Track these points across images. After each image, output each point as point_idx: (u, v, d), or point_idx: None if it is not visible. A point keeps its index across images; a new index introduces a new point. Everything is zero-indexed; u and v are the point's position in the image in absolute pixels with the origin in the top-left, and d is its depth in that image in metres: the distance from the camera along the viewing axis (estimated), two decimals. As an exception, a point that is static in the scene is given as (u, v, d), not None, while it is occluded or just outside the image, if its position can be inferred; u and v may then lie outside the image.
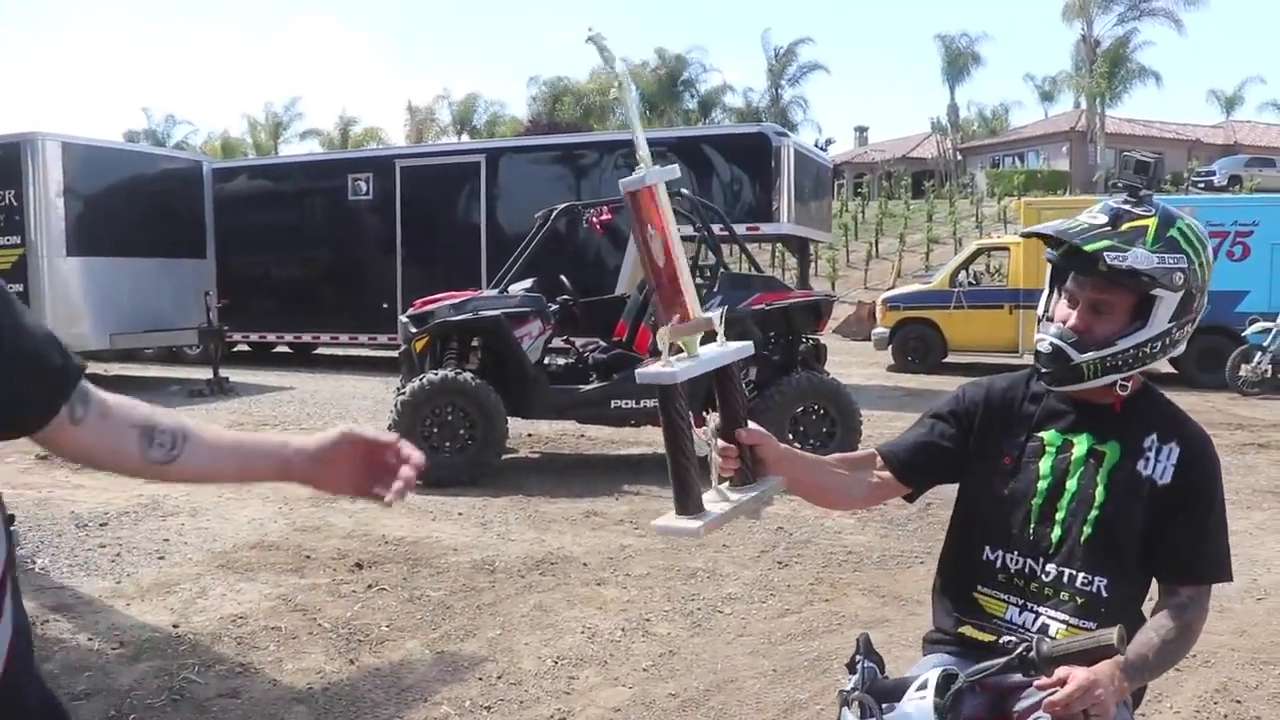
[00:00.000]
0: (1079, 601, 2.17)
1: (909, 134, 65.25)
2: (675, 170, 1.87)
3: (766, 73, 60.06)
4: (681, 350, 1.88)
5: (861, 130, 69.83)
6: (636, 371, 1.92)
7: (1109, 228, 2.14)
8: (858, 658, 2.00)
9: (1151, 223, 2.14)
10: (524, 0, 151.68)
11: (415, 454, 1.68)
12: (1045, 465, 2.25)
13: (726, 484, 1.99)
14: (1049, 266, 2.29)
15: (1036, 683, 1.89)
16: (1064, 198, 31.76)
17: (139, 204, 15.66)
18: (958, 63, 56.26)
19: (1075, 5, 49.04)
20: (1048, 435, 2.28)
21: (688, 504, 1.86)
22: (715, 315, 1.90)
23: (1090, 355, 2.15)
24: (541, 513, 7.70)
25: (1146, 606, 2.27)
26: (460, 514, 7.71)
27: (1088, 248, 2.10)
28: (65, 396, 1.50)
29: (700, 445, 1.90)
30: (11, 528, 1.31)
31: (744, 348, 1.97)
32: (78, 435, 1.53)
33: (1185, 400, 12.28)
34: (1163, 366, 16.17)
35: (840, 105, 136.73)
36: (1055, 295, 2.28)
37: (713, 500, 1.93)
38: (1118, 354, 2.15)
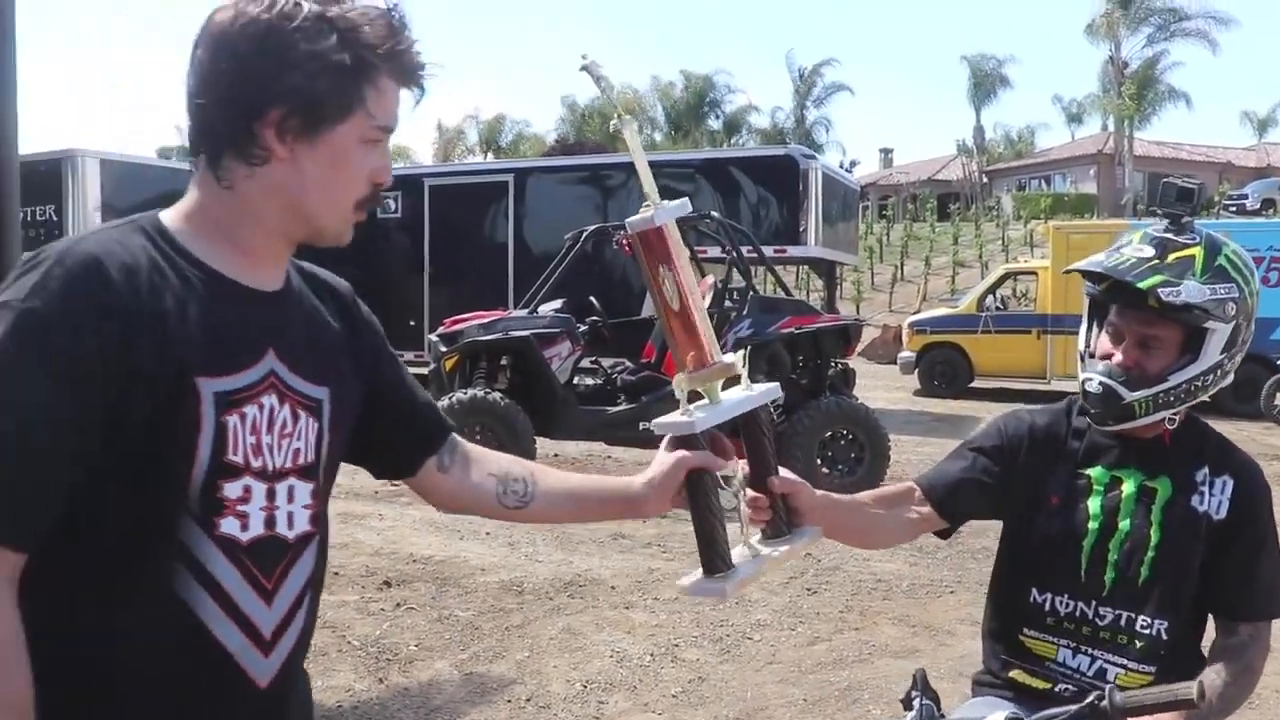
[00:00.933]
0: (1139, 645, 2.09)
1: (934, 156, 65.12)
2: (685, 205, 1.74)
3: (791, 94, 60.19)
4: (702, 397, 1.76)
5: (886, 152, 69.74)
6: (653, 423, 1.81)
7: (1157, 260, 2.07)
8: (914, 694, 1.95)
9: (1198, 251, 2.08)
10: (554, 20, 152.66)
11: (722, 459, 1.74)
12: (1094, 504, 2.16)
13: (758, 536, 1.86)
14: (1087, 300, 2.22)
15: None
16: (1093, 221, 31.66)
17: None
18: (984, 85, 56.14)
19: (1102, 25, 48.86)
20: (1094, 472, 2.19)
21: (715, 563, 1.72)
22: (737, 358, 1.74)
23: (1142, 393, 2.07)
24: (569, 534, 7.70)
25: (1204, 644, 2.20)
26: (488, 533, 7.72)
27: (1142, 285, 2.03)
28: (436, 449, 1.75)
29: (727, 498, 1.80)
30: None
31: (770, 390, 1.82)
32: (444, 482, 1.77)
33: (1220, 430, 12.13)
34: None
35: (865, 126, 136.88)
36: (1095, 330, 2.20)
37: (742, 556, 1.80)
38: (1170, 390, 2.07)
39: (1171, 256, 2.07)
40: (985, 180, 58.52)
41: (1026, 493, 2.24)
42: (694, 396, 1.75)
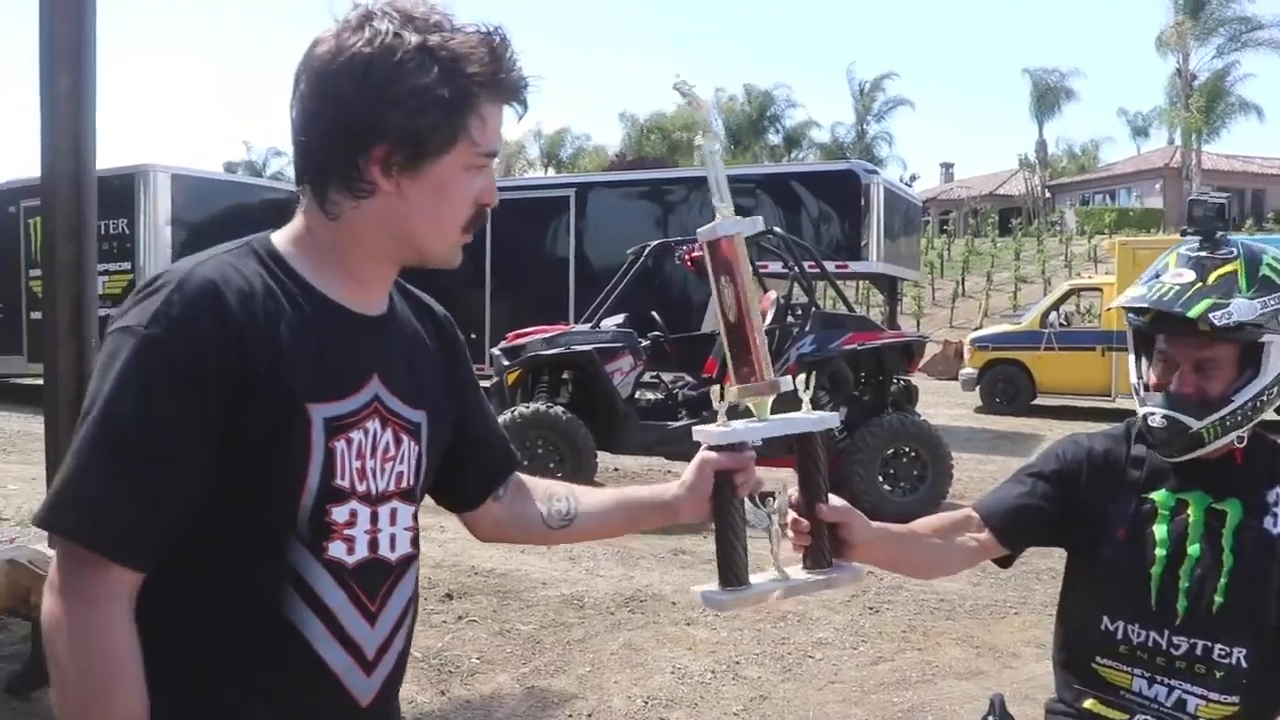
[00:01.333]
0: (1219, 675, 2.03)
1: (996, 170, 64.52)
2: (758, 223, 1.77)
3: (852, 108, 60.01)
4: (750, 412, 1.76)
5: (947, 166, 69.22)
6: (693, 429, 1.81)
7: (1200, 283, 2.02)
8: (990, 718, 1.94)
9: (1238, 265, 2.03)
10: (616, 34, 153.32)
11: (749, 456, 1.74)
12: (1161, 531, 2.10)
13: (798, 563, 1.83)
14: (1131, 332, 2.16)
15: None
16: (1159, 237, 31.11)
17: (241, 232, 15.63)
18: (1047, 98, 55.56)
19: (1172, 36, 48.04)
20: (1159, 497, 2.13)
21: (727, 575, 1.73)
22: (786, 380, 1.75)
23: (1210, 419, 2.02)
24: (630, 549, 7.72)
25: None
26: (548, 547, 7.76)
27: (1191, 313, 1.98)
28: (503, 482, 1.79)
29: (759, 517, 1.78)
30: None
31: (825, 419, 1.80)
32: (495, 511, 1.80)
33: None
34: (1270, 415, 15.77)
35: (925, 140, 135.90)
36: (1145, 361, 2.15)
37: (767, 577, 1.79)
38: (1236, 410, 2.02)
39: (1213, 276, 2.03)
40: (1048, 195, 57.86)
41: (1087, 520, 2.19)
42: (748, 413, 1.75)
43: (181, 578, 1.35)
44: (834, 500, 1.85)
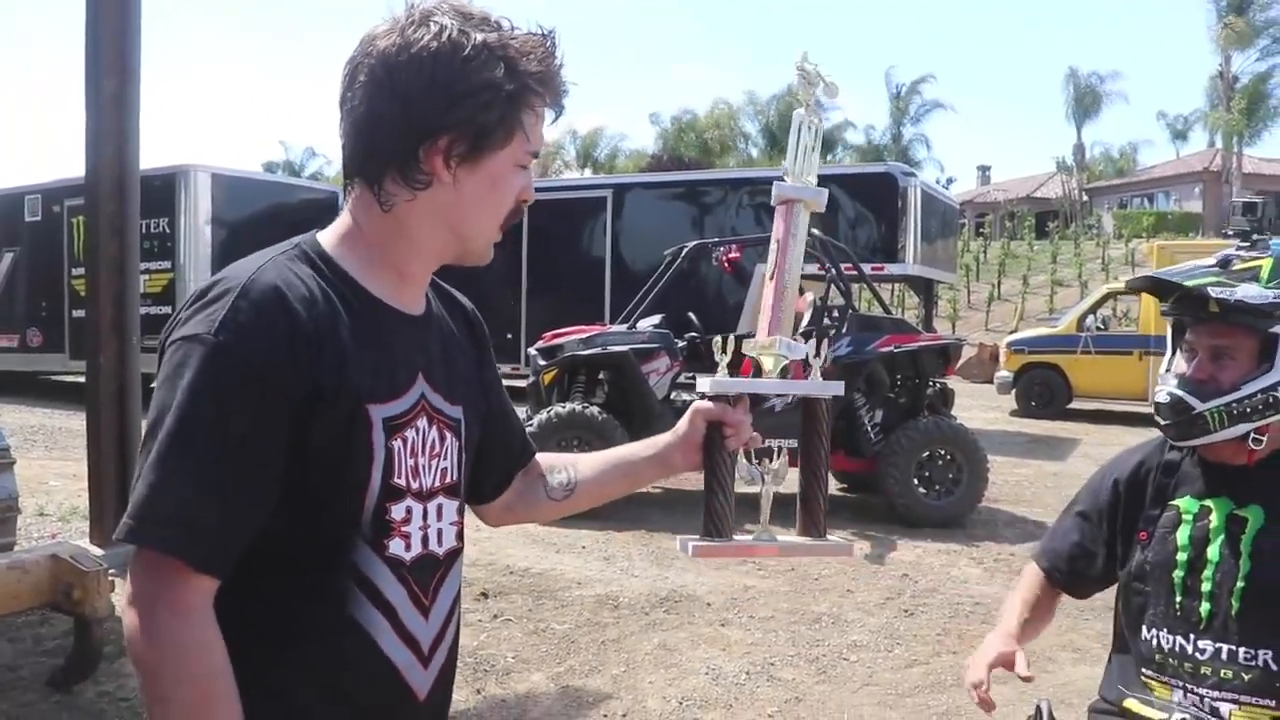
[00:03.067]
0: (1246, 678, 2.05)
1: (1033, 173, 64.09)
2: (823, 195, 1.81)
3: (889, 110, 59.73)
4: (760, 370, 1.80)
5: (984, 169, 68.79)
6: (697, 377, 1.85)
7: (1219, 269, 2.09)
8: None
9: (1267, 262, 2.08)
10: (649, 34, 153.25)
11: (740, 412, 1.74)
12: (1183, 535, 2.14)
13: (792, 531, 1.82)
14: (1169, 324, 2.22)
15: None
16: (1197, 241, 30.81)
17: (279, 232, 15.82)
18: (1085, 101, 55.14)
19: (1220, 37, 47.45)
20: (1183, 503, 2.17)
21: (707, 525, 1.75)
22: (799, 346, 1.79)
23: (1215, 403, 2.06)
24: (664, 549, 7.73)
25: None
26: (584, 547, 7.78)
27: (1190, 283, 2.06)
28: (518, 472, 1.82)
29: (753, 474, 1.80)
30: None
31: (830, 386, 1.80)
32: (506, 496, 1.82)
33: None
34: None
35: (962, 143, 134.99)
36: (1177, 354, 2.20)
37: (752, 533, 1.82)
38: (1244, 399, 2.05)
39: (1238, 266, 2.10)
40: (1085, 198, 57.41)
41: (1128, 536, 2.26)
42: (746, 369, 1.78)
43: (250, 587, 1.36)
44: (1003, 647, 2.15)
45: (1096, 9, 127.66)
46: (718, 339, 1.80)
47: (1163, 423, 2.15)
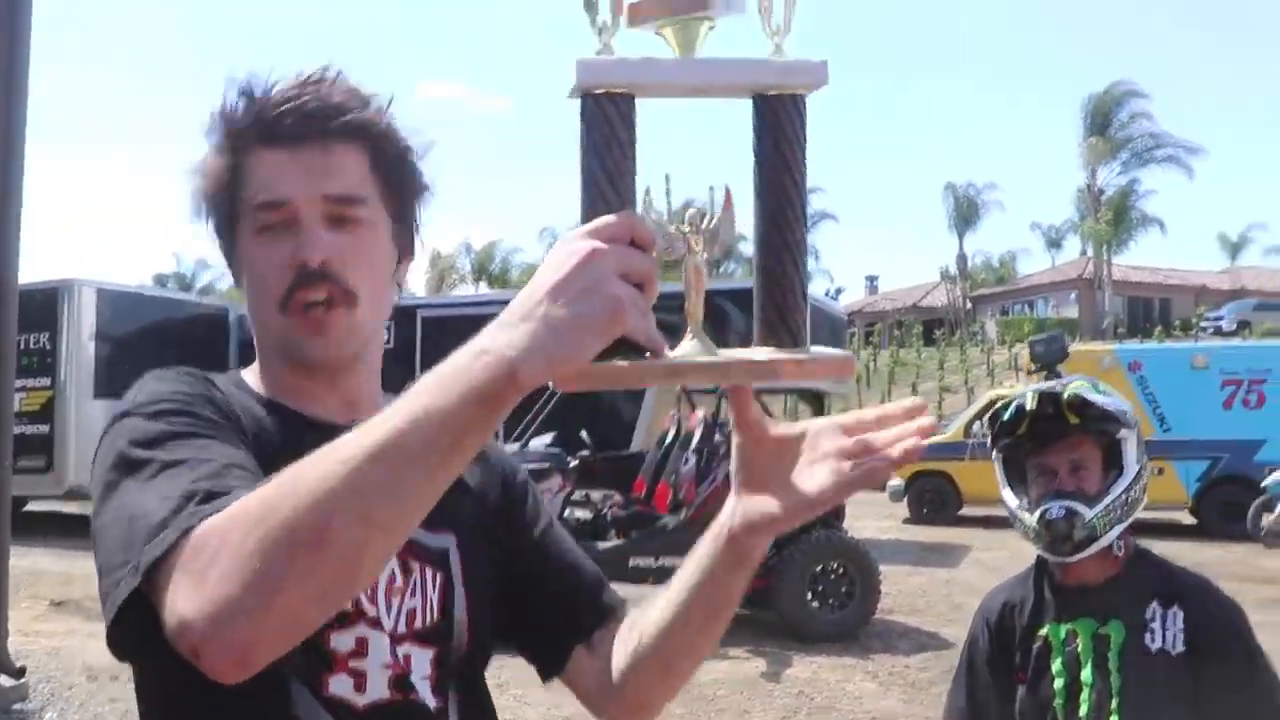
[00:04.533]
0: None
1: (919, 283, 66.04)
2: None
3: (778, 222, 61.06)
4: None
5: (872, 279, 70.84)
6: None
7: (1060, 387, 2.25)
8: None
9: (1081, 384, 2.24)
10: (541, 148, 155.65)
11: None
12: (1056, 664, 2.18)
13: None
14: (999, 460, 2.34)
15: None
16: (1074, 346, 31.83)
17: (166, 349, 15.86)
18: (964, 210, 57.23)
19: (1090, 151, 49.63)
20: (1049, 629, 2.22)
21: None
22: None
23: (1097, 509, 2.12)
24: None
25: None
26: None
27: (1066, 394, 2.17)
28: (588, 632, 1.37)
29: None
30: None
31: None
32: (592, 664, 1.36)
33: (1207, 553, 12.15)
34: (1184, 518, 15.98)
35: (850, 254, 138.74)
36: (1017, 486, 2.30)
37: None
38: (1115, 502, 2.13)
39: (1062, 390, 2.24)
40: (969, 306, 59.24)
41: (1009, 679, 2.28)
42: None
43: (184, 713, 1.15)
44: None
45: (974, 120, 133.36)
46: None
47: (1057, 538, 2.15)
